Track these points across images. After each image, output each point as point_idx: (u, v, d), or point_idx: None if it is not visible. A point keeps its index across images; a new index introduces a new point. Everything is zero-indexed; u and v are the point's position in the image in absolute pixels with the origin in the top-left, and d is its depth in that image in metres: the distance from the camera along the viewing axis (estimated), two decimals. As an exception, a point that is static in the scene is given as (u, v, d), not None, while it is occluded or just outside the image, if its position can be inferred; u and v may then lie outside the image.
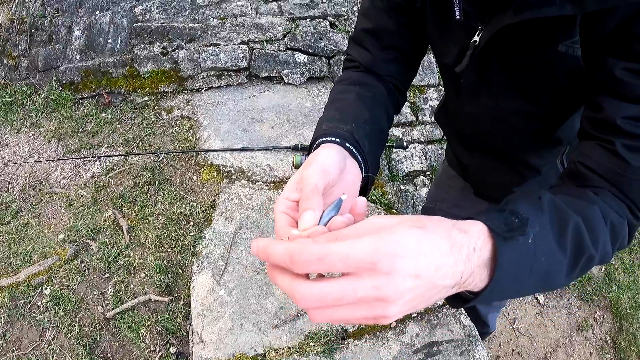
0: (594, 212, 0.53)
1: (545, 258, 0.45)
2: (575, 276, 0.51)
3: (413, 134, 2.69)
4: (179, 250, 1.69)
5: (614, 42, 0.57)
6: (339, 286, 0.35)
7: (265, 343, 1.32)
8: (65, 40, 2.69)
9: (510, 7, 0.58)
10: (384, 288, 0.34)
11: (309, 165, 0.52)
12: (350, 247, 0.34)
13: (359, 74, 0.80)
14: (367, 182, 0.65)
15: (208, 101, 2.37)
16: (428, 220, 0.39)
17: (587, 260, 0.51)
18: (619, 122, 0.57)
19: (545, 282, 0.47)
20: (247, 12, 2.61)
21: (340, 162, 0.55)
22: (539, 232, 0.45)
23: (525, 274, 0.43)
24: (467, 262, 0.39)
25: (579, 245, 0.49)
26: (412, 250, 0.35)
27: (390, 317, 0.36)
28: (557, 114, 0.78)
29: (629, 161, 0.56)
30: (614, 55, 0.58)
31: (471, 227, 0.41)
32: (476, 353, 1.28)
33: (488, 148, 0.98)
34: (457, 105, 0.90)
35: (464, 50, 0.72)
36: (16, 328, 1.56)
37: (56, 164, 2.26)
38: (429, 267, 0.36)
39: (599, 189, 0.58)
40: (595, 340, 2.60)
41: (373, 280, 0.34)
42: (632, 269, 2.88)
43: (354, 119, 0.66)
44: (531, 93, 0.74)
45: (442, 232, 0.38)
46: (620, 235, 0.56)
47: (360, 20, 0.81)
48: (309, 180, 0.48)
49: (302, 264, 0.35)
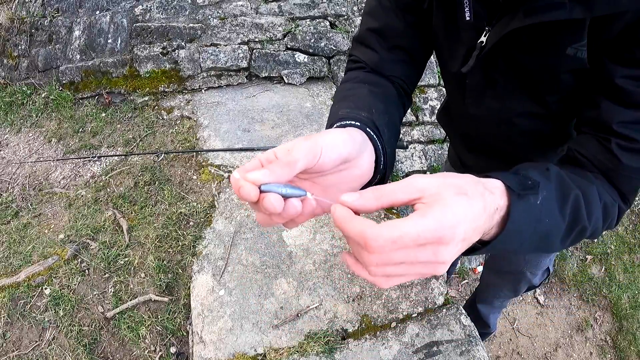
0: (592, 190, 0.58)
1: (548, 220, 0.50)
2: (568, 244, 0.58)
3: (413, 134, 2.69)
4: (179, 250, 1.69)
5: (617, 46, 0.58)
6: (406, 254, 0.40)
7: (265, 343, 1.32)
8: (65, 40, 2.69)
9: (520, 9, 0.58)
10: (441, 254, 0.40)
11: (311, 136, 0.47)
12: (420, 227, 0.38)
13: (366, 73, 0.78)
14: (383, 176, 0.59)
15: (208, 101, 2.37)
16: (466, 184, 0.43)
17: (580, 230, 0.56)
18: (615, 126, 0.60)
19: (543, 242, 0.53)
20: (247, 12, 2.61)
21: (350, 147, 0.49)
22: (546, 196, 0.50)
23: (529, 231, 0.49)
24: (491, 219, 0.45)
25: (576, 215, 0.54)
26: (463, 219, 0.40)
27: (439, 274, 0.42)
28: (562, 114, 0.78)
29: (621, 159, 0.61)
30: (615, 61, 0.59)
31: (496, 189, 0.46)
32: (476, 353, 1.28)
33: (492, 149, 0.97)
34: (461, 107, 0.89)
35: (470, 51, 0.72)
36: (16, 328, 1.56)
37: (56, 164, 2.26)
38: (472, 230, 0.42)
39: (595, 174, 0.63)
40: (595, 340, 2.60)
41: (434, 247, 0.39)
42: (632, 269, 2.88)
43: (372, 108, 0.62)
44: (537, 94, 0.74)
45: (479, 196, 0.43)
46: (611, 215, 0.62)
47: (366, 19, 0.80)
48: (294, 153, 0.44)
49: (376, 249, 0.39)
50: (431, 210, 0.39)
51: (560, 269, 2.74)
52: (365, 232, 0.39)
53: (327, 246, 1.56)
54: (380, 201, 0.42)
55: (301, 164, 0.44)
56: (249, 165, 0.45)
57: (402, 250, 0.39)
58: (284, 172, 0.43)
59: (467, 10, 0.65)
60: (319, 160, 0.45)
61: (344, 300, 1.41)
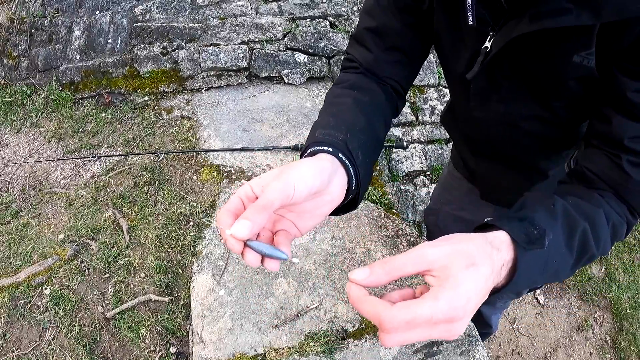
0: (600, 216, 0.59)
1: (556, 260, 0.52)
2: (577, 269, 0.60)
3: (413, 134, 2.69)
4: (179, 250, 1.69)
5: (629, 58, 0.57)
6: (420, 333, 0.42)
7: (265, 343, 1.32)
8: (65, 40, 2.69)
9: (526, 14, 0.57)
10: (454, 329, 0.42)
11: (282, 174, 0.50)
12: (432, 309, 0.40)
13: (357, 76, 0.77)
14: (357, 194, 0.62)
15: (208, 101, 2.37)
16: (474, 250, 0.45)
17: (589, 257, 0.58)
18: (626, 142, 0.60)
19: (553, 277, 0.55)
20: (247, 12, 2.61)
21: (318, 178, 0.52)
22: (553, 239, 0.51)
23: (538, 274, 0.51)
24: (499, 276, 0.47)
25: (584, 246, 0.56)
26: (474, 294, 0.43)
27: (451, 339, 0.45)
28: (569, 119, 0.77)
29: (632, 176, 0.61)
30: (628, 74, 0.57)
31: (502, 244, 0.48)
32: (476, 353, 1.28)
33: (496, 153, 0.97)
34: (465, 110, 0.88)
35: (475, 56, 0.71)
36: (16, 328, 1.56)
37: (56, 164, 2.26)
38: (482, 297, 0.44)
39: (604, 192, 0.63)
40: (595, 340, 2.60)
41: (447, 325, 0.42)
42: (632, 269, 2.88)
43: (349, 127, 0.63)
44: (543, 99, 0.73)
45: (488, 260, 0.45)
46: (619, 234, 0.63)
47: (364, 18, 0.79)
48: (268, 195, 0.47)
49: (391, 330, 0.41)
50: (443, 291, 0.41)
51: (560, 269, 2.74)
52: (380, 315, 0.41)
53: (327, 246, 1.56)
54: (390, 276, 0.44)
55: (276, 205, 0.47)
56: (231, 206, 0.50)
57: (416, 330, 0.41)
58: (263, 217, 0.46)
59: (470, 14, 0.63)
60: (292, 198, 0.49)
61: (344, 300, 1.41)
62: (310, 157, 0.57)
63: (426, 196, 2.59)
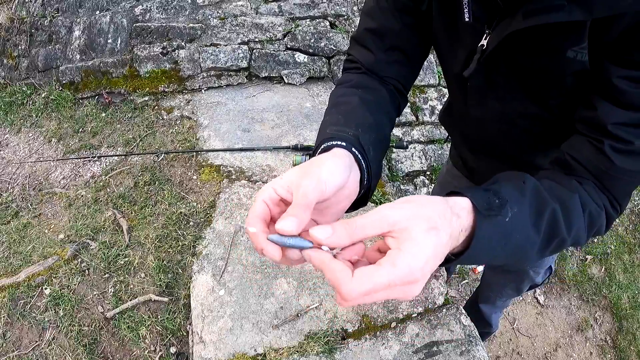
0: (574, 201, 0.59)
1: (519, 235, 0.52)
2: (548, 254, 0.59)
3: (413, 134, 2.69)
4: (179, 250, 1.69)
5: (617, 48, 0.57)
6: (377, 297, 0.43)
7: (265, 343, 1.32)
8: (65, 40, 2.69)
9: (519, 11, 0.58)
10: (410, 291, 0.43)
11: (311, 171, 0.50)
12: (390, 277, 0.41)
13: (360, 76, 0.78)
14: (367, 189, 0.62)
15: (208, 101, 2.37)
16: (436, 214, 0.45)
17: (559, 242, 0.57)
18: (609, 127, 0.60)
19: (517, 254, 0.55)
20: (247, 12, 2.61)
21: (344, 173, 0.53)
22: (517, 213, 0.51)
23: (499, 247, 0.50)
24: (456, 240, 0.47)
25: (553, 229, 0.55)
26: (432, 256, 0.43)
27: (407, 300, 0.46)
28: (565, 115, 0.77)
29: (614, 161, 0.60)
30: (614, 62, 0.58)
31: (462, 210, 0.48)
32: (476, 353, 1.28)
33: (494, 150, 0.97)
34: (462, 108, 0.89)
35: (471, 54, 0.72)
36: (16, 328, 1.56)
37: (56, 164, 2.26)
38: (438, 260, 0.45)
39: (584, 179, 0.63)
40: (595, 340, 2.60)
41: (403, 287, 0.42)
42: (632, 269, 2.88)
43: (359, 123, 0.64)
44: (539, 95, 0.74)
45: (447, 225, 0.45)
46: (597, 223, 0.62)
47: (364, 19, 0.80)
48: (309, 196, 0.47)
49: (350, 300, 0.42)
50: (401, 256, 0.42)
51: (560, 269, 2.74)
52: (340, 288, 0.42)
53: (327, 246, 1.56)
54: (352, 238, 0.44)
55: (314, 202, 0.47)
56: (259, 211, 0.49)
57: (374, 294, 0.42)
58: (306, 215, 0.46)
59: (467, 11, 0.65)
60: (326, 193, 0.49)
61: (344, 300, 1.41)
62: (325, 152, 0.57)
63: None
